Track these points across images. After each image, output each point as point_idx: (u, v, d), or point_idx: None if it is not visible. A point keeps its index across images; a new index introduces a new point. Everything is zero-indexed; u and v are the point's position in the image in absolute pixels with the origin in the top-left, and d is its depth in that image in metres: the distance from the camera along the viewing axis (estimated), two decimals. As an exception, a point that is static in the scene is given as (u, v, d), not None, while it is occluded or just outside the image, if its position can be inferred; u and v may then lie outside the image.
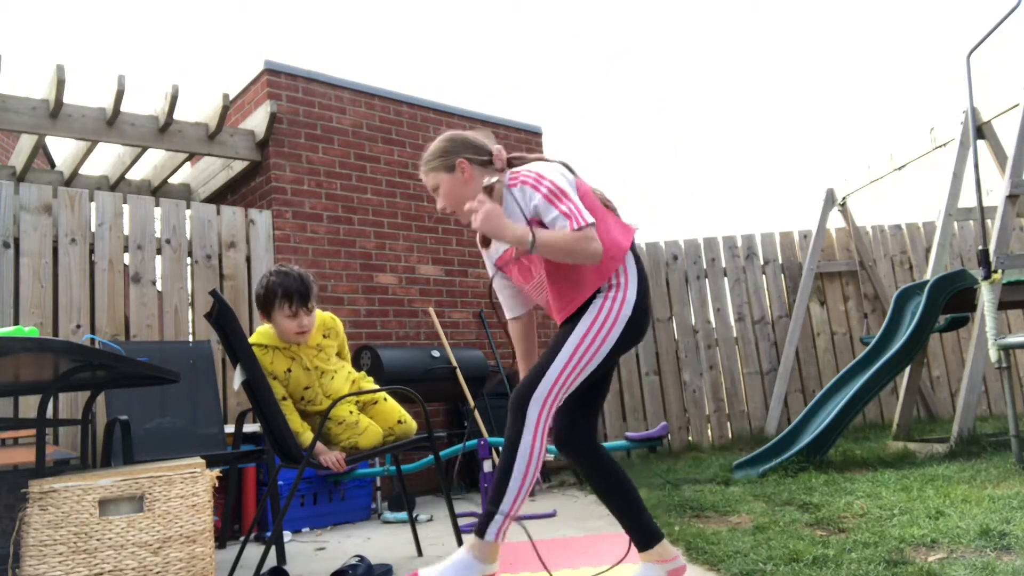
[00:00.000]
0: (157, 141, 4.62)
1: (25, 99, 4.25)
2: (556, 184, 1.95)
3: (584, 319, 1.98)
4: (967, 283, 4.51)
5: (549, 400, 1.94)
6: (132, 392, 3.44)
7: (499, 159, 2.11)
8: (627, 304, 2.00)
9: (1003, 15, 4.02)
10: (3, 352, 1.79)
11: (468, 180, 2.08)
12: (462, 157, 2.08)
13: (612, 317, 1.98)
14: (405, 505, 3.34)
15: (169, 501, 2.06)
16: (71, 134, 4.42)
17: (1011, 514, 2.56)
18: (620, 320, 1.99)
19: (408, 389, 2.87)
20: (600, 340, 1.97)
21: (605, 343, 1.97)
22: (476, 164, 2.09)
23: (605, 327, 1.97)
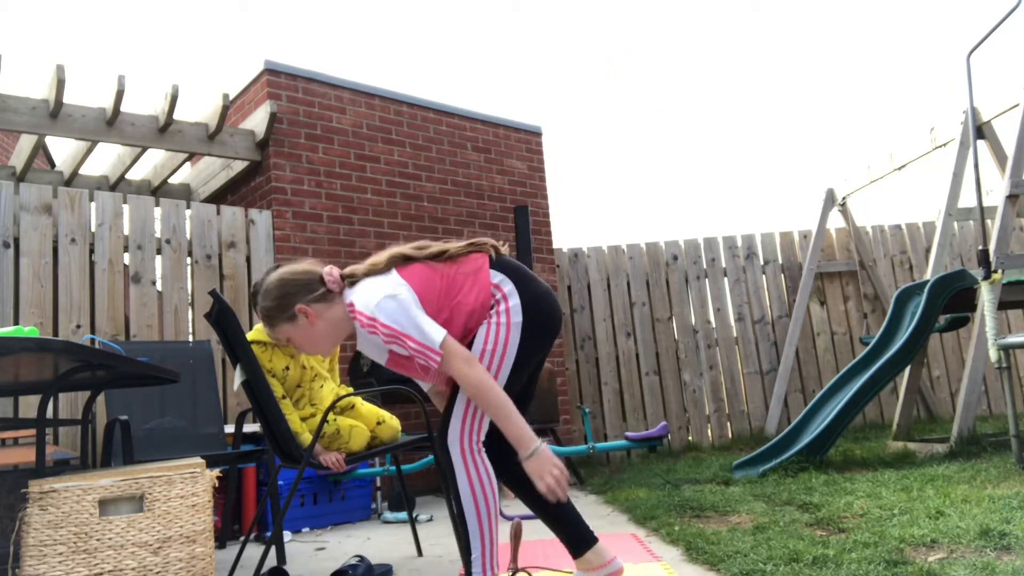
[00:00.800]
0: (157, 141, 4.62)
1: (25, 99, 4.25)
2: (390, 328, 1.84)
3: (476, 343, 1.92)
4: (967, 283, 4.51)
5: (466, 431, 1.90)
6: (132, 392, 3.44)
7: (333, 283, 2.01)
8: (513, 311, 1.93)
9: (1003, 15, 4.03)
10: (3, 352, 1.78)
11: (314, 321, 1.99)
12: (299, 304, 1.98)
13: (503, 332, 1.92)
14: (405, 505, 3.34)
15: (169, 501, 2.06)
16: (71, 134, 4.42)
17: (1011, 514, 2.56)
18: (512, 329, 1.93)
19: (408, 389, 2.87)
20: (498, 357, 1.92)
21: (505, 358, 1.92)
22: (314, 302, 1.99)
23: (499, 343, 1.92)
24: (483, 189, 5.74)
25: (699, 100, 33.67)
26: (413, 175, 5.34)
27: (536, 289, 2.00)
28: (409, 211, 5.27)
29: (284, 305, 2.00)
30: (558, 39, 36.41)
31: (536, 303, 1.97)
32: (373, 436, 2.84)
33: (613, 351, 6.21)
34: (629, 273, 6.37)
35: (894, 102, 27.46)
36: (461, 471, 1.88)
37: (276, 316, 2.02)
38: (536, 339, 1.97)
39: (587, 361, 6.21)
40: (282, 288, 2.02)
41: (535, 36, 37.03)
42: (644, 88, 33.92)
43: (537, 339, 1.97)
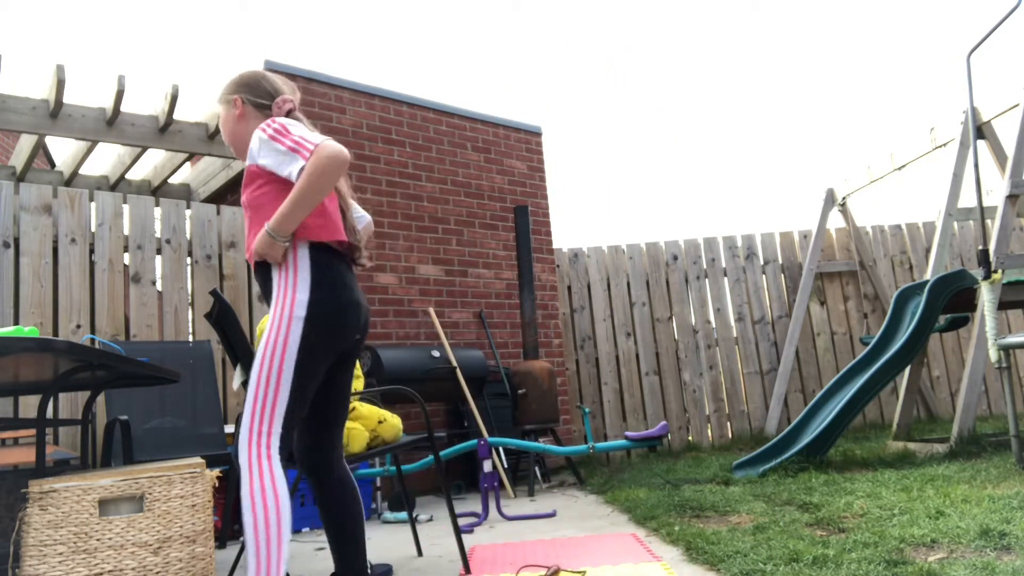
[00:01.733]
0: (157, 141, 4.62)
1: (25, 99, 4.25)
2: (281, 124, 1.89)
3: (261, 346, 1.86)
4: (967, 283, 4.51)
5: (255, 433, 1.81)
6: (132, 392, 3.44)
7: (277, 108, 2.07)
8: (298, 305, 1.86)
9: (1003, 15, 4.02)
10: (3, 352, 1.78)
11: (240, 118, 2.08)
12: (240, 94, 2.08)
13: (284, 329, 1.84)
14: (405, 505, 3.34)
15: (169, 501, 2.06)
16: (71, 134, 4.42)
17: (1011, 514, 2.56)
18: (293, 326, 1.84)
19: (408, 389, 2.87)
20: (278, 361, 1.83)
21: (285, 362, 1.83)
22: (251, 105, 2.08)
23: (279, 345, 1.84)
24: (483, 189, 5.74)
25: (699, 100, 33.67)
26: (413, 175, 5.34)
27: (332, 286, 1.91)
28: (409, 211, 5.27)
29: (232, 88, 2.11)
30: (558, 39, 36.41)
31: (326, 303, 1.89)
32: (375, 436, 2.84)
33: (613, 351, 6.21)
34: (629, 273, 6.37)
35: (894, 102, 27.46)
36: (245, 477, 1.78)
37: (222, 94, 2.13)
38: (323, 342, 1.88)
39: (587, 361, 6.21)
40: (243, 77, 2.12)
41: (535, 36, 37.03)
42: (644, 88, 33.92)
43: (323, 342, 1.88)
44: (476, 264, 5.57)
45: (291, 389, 1.84)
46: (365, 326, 2.06)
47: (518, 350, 5.58)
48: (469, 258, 5.55)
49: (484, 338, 5.46)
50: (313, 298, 1.87)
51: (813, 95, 30.92)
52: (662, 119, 32.31)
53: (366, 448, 2.75)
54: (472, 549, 2.96)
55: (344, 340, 1.95)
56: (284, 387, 1.84)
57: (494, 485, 3.74)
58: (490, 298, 5.61)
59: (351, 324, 1.96)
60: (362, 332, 2.05)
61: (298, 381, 1.85)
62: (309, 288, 1.87)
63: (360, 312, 1.99)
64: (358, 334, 2.02)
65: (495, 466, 4.01)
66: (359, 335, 2.03)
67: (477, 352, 4.97)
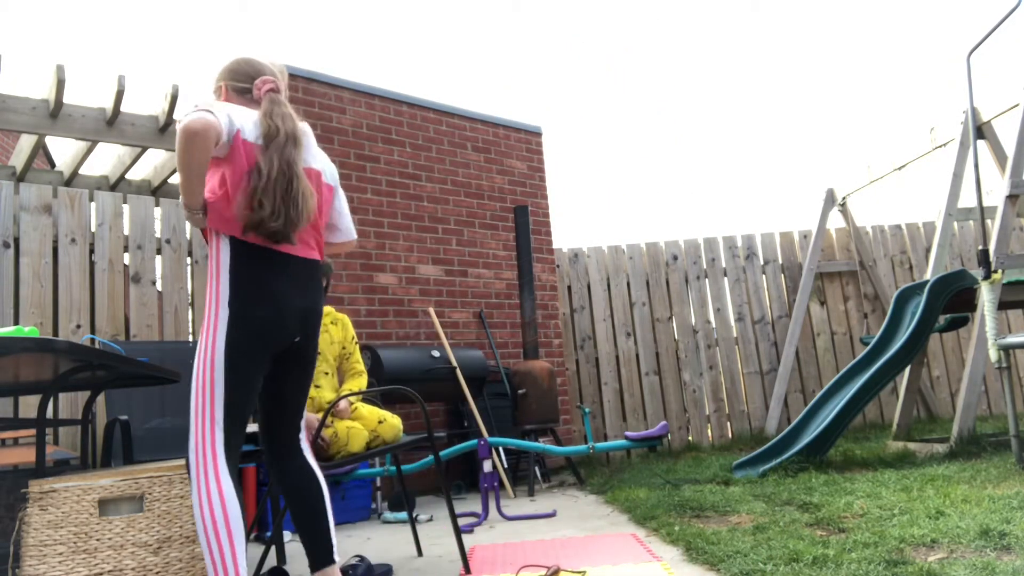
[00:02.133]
0: (157, 141, 4.62)
1: (25, 99, 4.25)
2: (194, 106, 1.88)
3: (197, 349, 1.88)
4: (967, 283, 4.51)
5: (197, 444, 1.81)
6: (132, 392, 3.44)
7: (256, 90, 2.09)
8: (221, 308, 1.86)
9: (1003, 15, 4.02)
10: (3, 352, 1.78)
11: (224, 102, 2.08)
12: (224, 81, 2.13)
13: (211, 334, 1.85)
14: (405, 505, 3.34)
15: (169, 501, 2.06)
16: (71, 134, 4.42)
17: (1011, 514, 2.56)
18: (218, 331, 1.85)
19: (408, 389, 2.87)
20: (209, 366, 1.84)
21: (215, 367, 1.83)
22: (234, 91, 2.11)
23: (208, 350, 1.84)
24: (483, 189, 5.74)
25: (699, 100, 33.68)
26: (413, 175, 5.34)
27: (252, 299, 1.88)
28: (409, 211, 5.27)
29: (217, 76, 2.15)
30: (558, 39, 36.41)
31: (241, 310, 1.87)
32: (375, 435, 2.84)
33: (613, 351, 6.21)
34: (629, 273, 6.37)
35: (894, 102, 27.46)
36: (192, 482, 1.79)
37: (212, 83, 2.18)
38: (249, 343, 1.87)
39: (587, 361, 6.21)
40: (228, 64, 2.15)
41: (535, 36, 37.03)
42: (644, 88, 33.93)
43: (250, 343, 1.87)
44: (476, 264, 5.57)
45: (224, 392, 1.84)
46: (305, 325, 2.00)
47: (518, 350, 5.58)
48: (469, 258, 5.55)
49: (484, 338, 5.46)
50: (232, 303, 1.86)
51: (813, 95, 30.91)
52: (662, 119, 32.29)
53: (365, 448, 2.75)
54: (472, 549, 2.96)
55: (273, 342, 1.92)
56: (218, 391, 1.83)
57: (494, 485, 3.74)
58: (490, 298, 5.61)
59: (277, 327, 1.91)
60: (302, 332, 2.00)
61: (230, 384, 1.84)
62: (228, 292, 1.87)
63: (290, 312, 1.94)
64: (296, 336, 1.98)
65: (495, 466, 4.01)
66: (298, 336, 1.99)
67: (477, 352, 4.97)
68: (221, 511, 1.75)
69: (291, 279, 1.96)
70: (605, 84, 34.28)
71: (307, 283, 2.01)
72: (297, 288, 1.97)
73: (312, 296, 2.02)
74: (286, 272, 1.95)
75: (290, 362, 2.02)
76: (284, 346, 1.96)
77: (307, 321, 2.01)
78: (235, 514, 1.76)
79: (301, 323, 1.99)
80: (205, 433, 1.81)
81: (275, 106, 2.03)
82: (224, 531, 1.74)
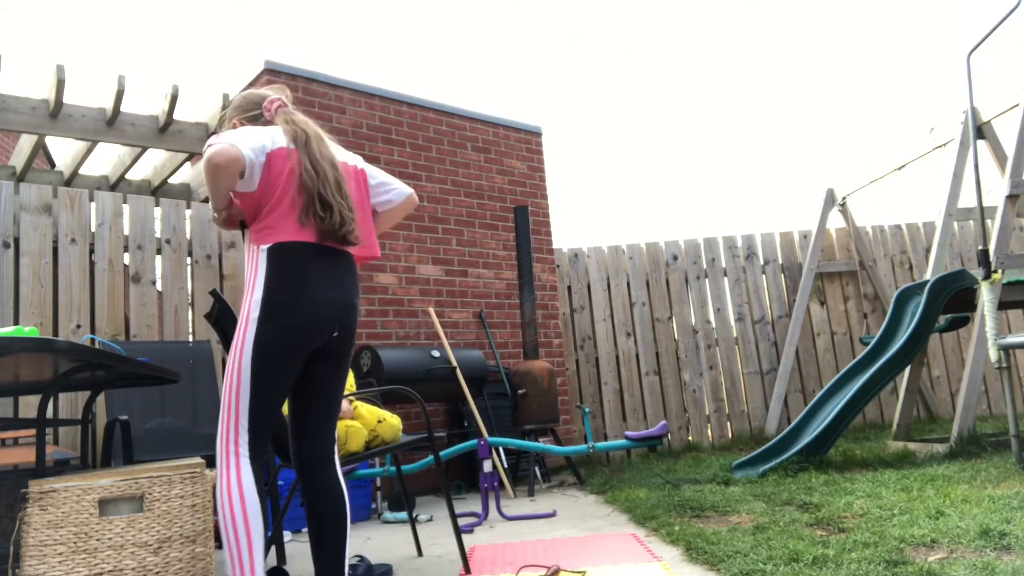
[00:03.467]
0: (157, 141, 4.62)
1: (25, 99, 4.25)
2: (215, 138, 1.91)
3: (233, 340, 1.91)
4: (967, 283, 4.51)
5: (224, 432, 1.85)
6: (132, 392, 3.44)
7: (267, 112, 2.13)
8: (253, 305, 1.88)
9: (1003, 15, 4.02)
10: (3, 352, 1.78)
11: None
12: (235, 118, 2.16)
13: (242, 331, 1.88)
14: (405, 505, 3.34)
15: (169, 501, 2.06)
16: (71, 134, 4.42)
17: (1011, 514, 2.56)
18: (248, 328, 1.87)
19: (408, 389, 2.87)
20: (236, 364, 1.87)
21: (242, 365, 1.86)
22: (247, 121, 2.13)
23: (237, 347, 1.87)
24: (483, 189, 5.74)
25: (699, 100, 33.68)
26: (413, 175, 5.34)
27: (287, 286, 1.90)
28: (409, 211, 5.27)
29: (229, 117, 2.20)
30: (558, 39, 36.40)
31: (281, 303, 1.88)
32: (374, 435, 2.84)
33: (613, 351, 6.21)
34: (629, 273, 6.37)
35: (894, 102, 27.46)
36: (217, 480, 1.84)
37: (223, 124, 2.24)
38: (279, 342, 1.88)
39: (587, 361, 6.21)
40: (235, 102, 2.22)
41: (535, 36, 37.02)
42: (644, 88, 33.93)
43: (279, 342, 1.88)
44: (476, 264, 5.57)
45: (250, 391, 1.86)
46: (343, 321, 2.00)
47: (518, 350, 5.58)
48: (469, 258, 5.55)
49: (484, 338, 5.46)
50: (265, 298, 1.88)
51: (813, 95, 30.91)
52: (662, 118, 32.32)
53: (365, 448, 2.75)
54: (472, 549, 2.96)
55: (309, 338, 1.92)
56: (244, 389, 1.86)
57: (494, 485, 3.74)
58: (490, 298, 5.61)
59: (314, 321, 1.92)
60: (340, 328, 2.00)
61: (256, 382, 1.86)
62: (263, 287, 1.89)
63: (328, 308, 1.95)
64: (333, 331, 1.97)
65: (495, 466, 4.01)
66: (336, 331, 1.98)
67: (477, 352, 4.96)
68: (241, 510, 1.79)
69: (328, 273, 1.97)
70: (605, 84, 34.27)
71: (343, 276, 2.02)
72: (334, 281, 1.98)
73: (349, 289, 2.03)
74: (323, 266, 1.97)
75: (325, 359, 2.03)
76: (321, 342, 1.97)
77: (345, 315, 2.01)
78: (254, 510, 1.80)
79: (341, 317, 1.99)
80: (230, 433, 1.86)
81: (291, 115, 2.09)
82: (243, 526, 1.79)
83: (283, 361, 1.89)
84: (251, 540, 1.78)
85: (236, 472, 1.83)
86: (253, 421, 1.87)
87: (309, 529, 2.03)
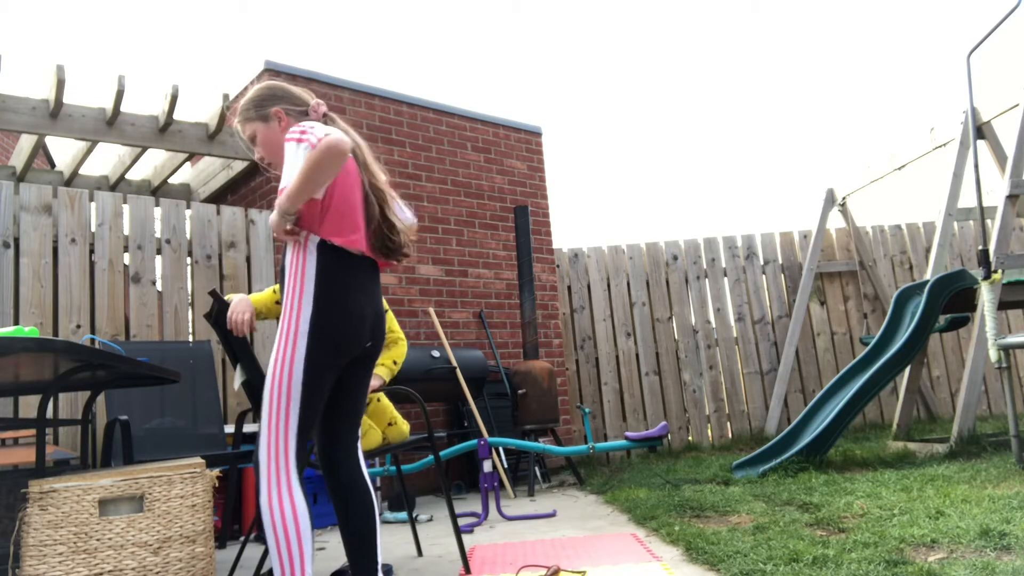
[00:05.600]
0: (157, 141, 4.62)
1: (25, 99, 4.25)
2: (309, 126, 1.88)
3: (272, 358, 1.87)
4: (967, 283, 4.51)
5: (272, 454, 1.83)
6: (132, 392, 3.44)
7: (315, 112, 2.08)
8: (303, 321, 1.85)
9: (1003, 15, 4.02)
10: (3, 352, 1.78)
11: (284, 130, 2.05)
12: (277, 107, 2.07)
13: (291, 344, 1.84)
14: (405, 505, 3.34)
15: (169, 501, 2.06)
16: (71, 134, 4.42)
17: (1011, 514, 2.56)
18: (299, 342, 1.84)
19: (408, 389, 2.87)
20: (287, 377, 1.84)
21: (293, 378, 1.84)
22: (293, 115, 2.07)
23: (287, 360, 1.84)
24: (483, 189, 5.74)
25: (699, 99, 33.67)
26: (413, 175, 5.34)
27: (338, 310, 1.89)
28: (409, 211, 5.27)
29: (265, 103, 2.08)
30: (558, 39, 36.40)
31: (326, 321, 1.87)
32: (383, 439, 2.84)
33: (613, 351, 6.21)
34: (629, 273, 6.37)
35: (894, 102, 27.46)
36: (263, 491, 1.81)
37: (253, 112, 2.08)
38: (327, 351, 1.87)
39: (587, 361, 6.21)
40: (271, 90, 2.10)
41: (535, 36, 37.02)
42: (644, 88, 33.93)
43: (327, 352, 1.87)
44: (476, 264, 5.57)
45: (301, 403, 1.85)
46: (376, 331, 2.02)
47: (518, 350, 5.58)
48: (469, 258, 5.55)
49: (484, 338, 5.46)
50: (316, 313, 1.86)
51: (813, 95, 30.90)
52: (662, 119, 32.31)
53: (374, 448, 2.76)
54: (472, 549, 2.96)
55: (350, 351, 1.93)
56: (295, 402, 1.84)
57: (494, 485, 3.74)
58: (490, 298, 5.61)
59: (356, 337, 1.93)
60: (373, 338, 2.02)
61: (307, 396, 1.86)
62: (313, 301, 1.86)
63: (365, 322, 1.96)
64: (368, 342, 1.99)
65: (495, 466, 4.01)
66: (370, 342, 2.00)
67: (477, 352, 4.96)
68: (294, 522, 1.79)
69: (365, 285, 1.98)
70: (605, 84, 34.26)
71: (375, 287, 2.04)
72: (368, 293, 1.99)
73: (379, 299, 2.05)
74: (363, 278, 1.98)
75: (357, 366, 2.04)
76: (356, 353, 1.98)
77: (376, 326, 2.03)
78: (306, 525, 1.80)
79: (374, 327, 2.01)
80: (279, 444, 1.83)
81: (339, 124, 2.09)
82: (296, 542, 1.79)
83: (330, 374, 1.91)
84: (303, 557, 1.79)
85: (288, 492, 1.81)
86: (300, 435, 1.86)
87: (340, 525, 2.05)
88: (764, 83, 30.18)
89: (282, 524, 1.78)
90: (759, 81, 30.63)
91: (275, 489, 1.80)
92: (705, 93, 33.48)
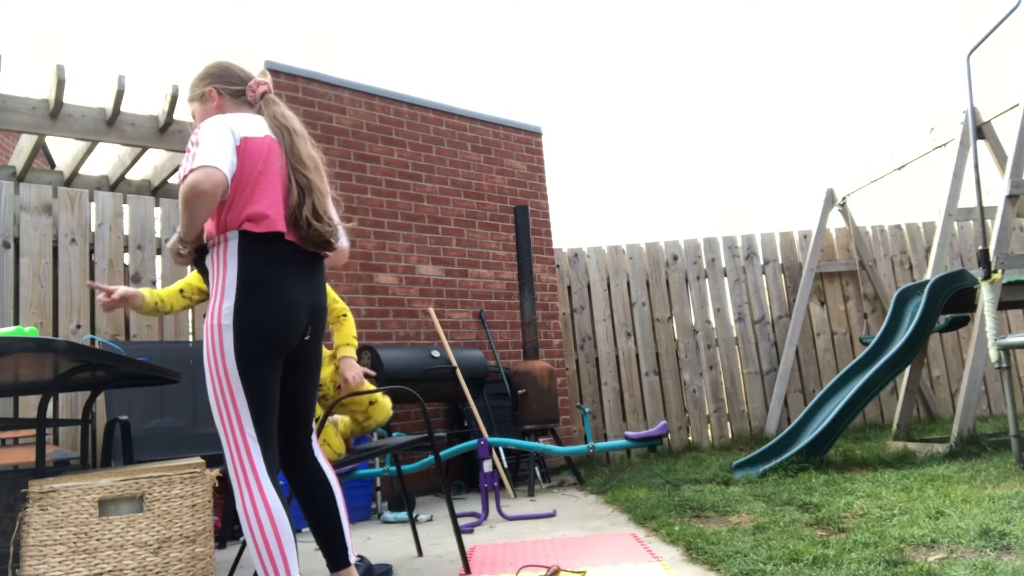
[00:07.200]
0: (157, 141, 4.62)
1: (25, 99, 4.25)
2: (200, 136, 1.84)
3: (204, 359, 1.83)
4: (967, 283, 4.51)
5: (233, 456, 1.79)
6: (132, 392, 3.44)
7: (251, 92, 2.04)
8: (224, 313, 1.79)
9: (1003, 15, 4.02)
10: (3, 352, 1.78)
11: (217, 110, 2.03)
12: (211, 86, 2.05)
13: (217, 339, 1.79)
14: (405, 505, 3.34)
15: (169, 501, 2.06)
16: (71, 134, 4.42)
17: (1011, 514, 2.56)
18: (224, 335, 1.78)
19: (408, 389, 2.87)
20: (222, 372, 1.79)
21: (228, 373, 1.79)
22: (227, 95, 2.05)
23: (217, 356, 1.79)
24: (483, 189, 5.74)
25: (699, 99, 33.68)
26: (413, 175, 5.34)
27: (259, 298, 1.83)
28: (409, 211, 5.27)
29: (202, 81, 2.08)
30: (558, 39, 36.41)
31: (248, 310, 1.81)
32: (367, 417, 2.84)
33: (613, 351, 6.21)
34: (629, 273, 6.37)
35: (894, 102, 27.47)
36: (236, 496, 1.79)
37: (193, 90, 2.09)
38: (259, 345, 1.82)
39: (587, 361, 6.21)
40: (208, 68, 2.09)
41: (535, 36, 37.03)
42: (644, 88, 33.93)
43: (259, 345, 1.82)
44: (476, 264, 5.57)
45: (247, 399, 1.80)
46: (313, 323, 1.96)
47: (518, 350, 5.58)
48: (469, 258, 5.55)
49: (484, 338, 5.46)
50: (238, 304, 1.80)
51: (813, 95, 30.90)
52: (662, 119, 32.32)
53: (360, 431, 2.78)
54: (472, 549, 2.96)
55: (281, 340, 1.86)
56: (240, 399, 1.80)
57: (494, 485, 3.74)
58: (490, 298, 5.61)
59: (287, 325, 1.86)
60: (311, 331, 1.96)
61: (250, 390, 1.80)
62: (235, 292, 1.81)
63: (299, 310, 1.89)
64: (305, 335, 1.93)
65: (495, 466, 4.01)
66: (307, 335, 1.94)
67: (477, 352, 4.96)
68: (269, 523, 1.76)
69: (298, 273, 1.92)
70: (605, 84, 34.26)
71: (314, 277, 1.98)
72: (304, 283, 1.93)
73: (320, 291, 2.00)
74: (295, 267, 1.92)
75: (299, 361, 1.99)
76: (292, 346, 1.92)
77: (315, 317, 1.98)
78: (283, 523, 1.77)
79: (311, 319, 1.96)
80: (239, 446, 1.80)
81: (276, 107, 2.03)
82: (275, 542, 1.76)
83: (269, 365, 1.85)
84: (285, 556, 1.76)
85: (260, 494, 1.77)
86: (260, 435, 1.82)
87: (306, 517, 2.03)
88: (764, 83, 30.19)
89: (258, 527, 1.75)
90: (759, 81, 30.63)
91: (246, 493, 1.77)
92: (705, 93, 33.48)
